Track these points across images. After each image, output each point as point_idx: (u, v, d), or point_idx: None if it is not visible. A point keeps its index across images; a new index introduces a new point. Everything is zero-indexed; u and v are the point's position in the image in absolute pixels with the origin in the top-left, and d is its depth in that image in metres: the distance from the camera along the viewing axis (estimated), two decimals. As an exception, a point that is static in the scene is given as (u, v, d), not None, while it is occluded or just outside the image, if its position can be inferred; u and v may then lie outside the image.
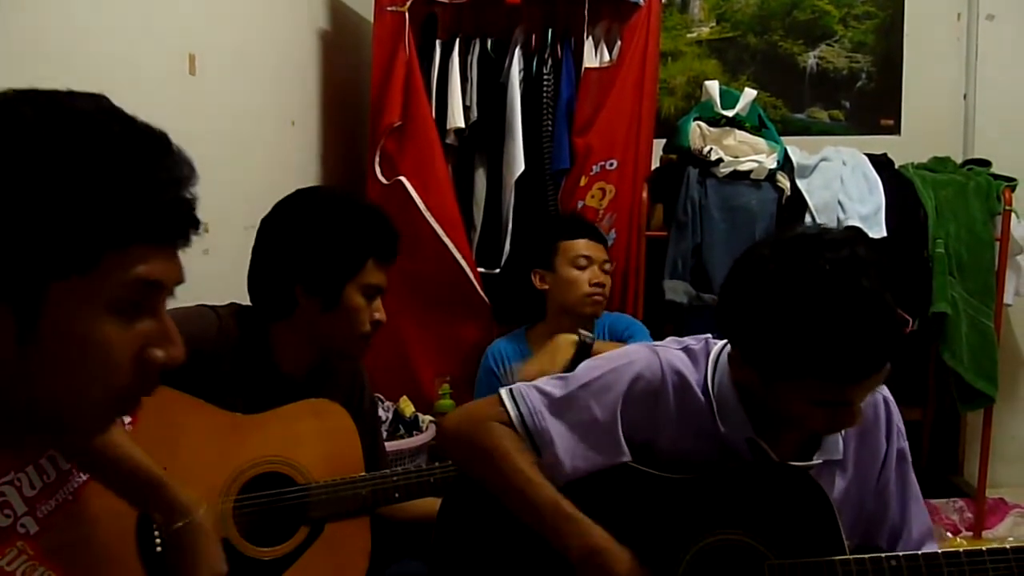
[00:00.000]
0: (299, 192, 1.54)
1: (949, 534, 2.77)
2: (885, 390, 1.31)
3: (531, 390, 1.28)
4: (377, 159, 2.65)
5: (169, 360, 0.76)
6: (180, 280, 0.79)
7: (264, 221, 1.51)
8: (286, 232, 1.47)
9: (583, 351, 1.73)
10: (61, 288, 0.70)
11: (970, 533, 2.82)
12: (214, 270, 1.98)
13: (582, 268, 2.27)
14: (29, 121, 0.69)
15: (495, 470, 1.24)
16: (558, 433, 1.24)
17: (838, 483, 1.27)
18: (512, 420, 1.26)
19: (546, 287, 2.33)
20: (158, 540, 1.30)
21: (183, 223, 0.77)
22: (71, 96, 0.75)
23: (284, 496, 1.41)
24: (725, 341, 1.28)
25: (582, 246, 2.29)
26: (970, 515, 2.87)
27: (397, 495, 1.46)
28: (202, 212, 0.77)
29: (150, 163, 0.74)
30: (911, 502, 1.32)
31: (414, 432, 2.40)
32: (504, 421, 1.27)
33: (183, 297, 1.42)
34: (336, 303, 1.45)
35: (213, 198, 0.77)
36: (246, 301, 1.55)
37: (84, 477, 1.10)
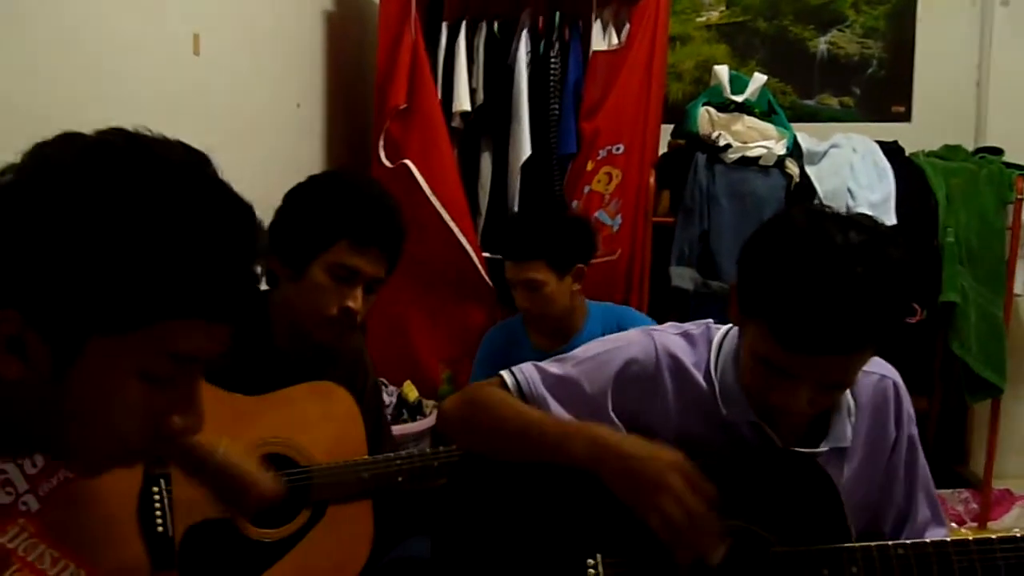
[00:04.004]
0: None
1: (955, 525, 2.76)
2: (896, 375, 1.30)
3: (529, 367, 1.31)
4: (382, 142, 2.64)
5: (185, 429, 0.75)
6: (220, 352, 0.75)
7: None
8: (282, 203, 1.50)
9: None
10: (100, 343, 0.68)
11: (975, 524, 2.81)
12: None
13: (513, 287, 2.18)
14: (127, 172, 0.67)
15: (492, 419, 1.25)
16: (553, 405, 1.26)
17: (845, 470, 1.26)
18: (510, 389, 1.28)
19: None
20: (160, 519, 1.30)
21: (244, 303, 0.73)
22: (170, 148, 0.72)
23: (286, 478, 1.41)
24: (728, 326, 1.28)
25: (508, 268, 2.17)
26: (976, 506, 2.86)
27: (400, 479, 1.45)
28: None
29: (232, 240, 0.71)
30: (918, 490, 1.31)
31: (418, 417, 2.41)
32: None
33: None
34: (300, 277, 1.44)
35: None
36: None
37: None
